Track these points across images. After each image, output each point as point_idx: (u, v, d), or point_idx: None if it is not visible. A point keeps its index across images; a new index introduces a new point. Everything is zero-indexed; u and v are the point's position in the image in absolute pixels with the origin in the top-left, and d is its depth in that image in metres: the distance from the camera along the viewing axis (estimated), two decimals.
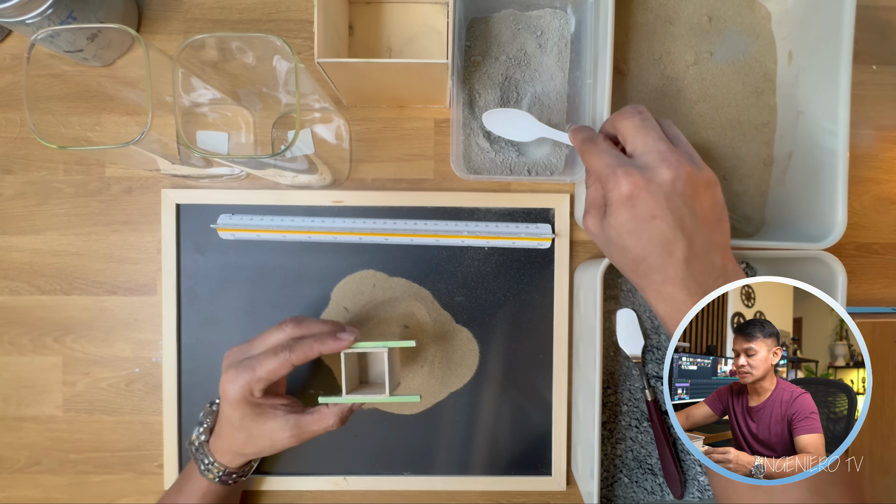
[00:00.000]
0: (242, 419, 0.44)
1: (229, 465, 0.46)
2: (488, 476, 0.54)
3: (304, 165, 0.48)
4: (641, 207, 0.36)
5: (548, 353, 0.54)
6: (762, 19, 0.53)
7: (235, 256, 0.53)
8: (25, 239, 0.54)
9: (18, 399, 0.54)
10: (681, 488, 0.51)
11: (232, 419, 0.44)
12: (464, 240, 0.53)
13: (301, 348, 0.42)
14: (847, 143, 0.44)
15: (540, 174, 0.51)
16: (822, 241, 0.45)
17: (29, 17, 0.42)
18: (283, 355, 0.42)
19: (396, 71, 0.44)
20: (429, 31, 0.53)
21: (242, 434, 0.44)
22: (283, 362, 0.42)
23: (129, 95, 0.53)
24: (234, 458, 0.46)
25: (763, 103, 0.53)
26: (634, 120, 0.38)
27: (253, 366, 0.42)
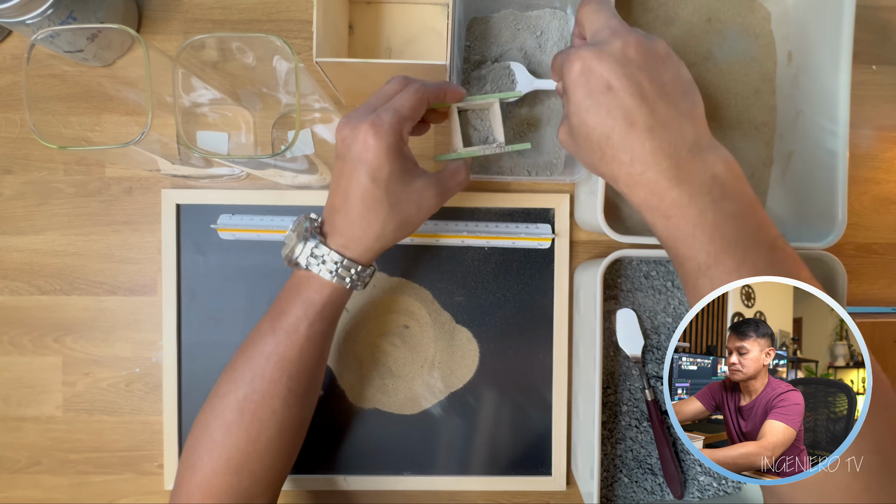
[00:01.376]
0: (388, 181, 0.37)
1: (361, 259, 0.39)
2: (488, 476, 0.54)
3: (304, 165, 0.48)
4: (595, 80, 0.34)
5: (548, 353, 0.54)
6: (762, 19, 0.53)
7: (235, 256, 0.53)
8: (25, 239, 0.54)
9: (18, 399, 0.54)
10: (681, 488, 0.51)
11: (371, 188, 0.37)
12: (464, 240, 0.53)
13: (432, 85, 0.39)
14: (847, 143, 0.44)
15: (540, 174, 0.51)
16: (822, 241, 0.45)
17: (29, 18, 0.43)
18: (417, 87, 0.38)
19: (395, 71, 0.44)
20: (429, 32, 0.53)
21: (383, 207, 0.37)
22: (421, 97, 0.37)
23: (129, 95, 0.53)
24: (366, 252, 0.39)
25: (763, 103, 0.53)
26: (591, 5, 0.37)
27: (392, 107, 0.37)
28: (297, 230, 0.40)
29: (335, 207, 0.39)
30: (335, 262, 0.38)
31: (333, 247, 0.38)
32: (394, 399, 0.54)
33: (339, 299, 0.40)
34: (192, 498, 0.39)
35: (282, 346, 0.39)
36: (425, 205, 0.39)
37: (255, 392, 0.39)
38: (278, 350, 0.39)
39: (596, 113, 0.34)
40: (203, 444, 0.39)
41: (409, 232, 0.40)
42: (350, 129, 0.37)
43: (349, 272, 0.39)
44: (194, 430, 0.41)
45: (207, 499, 0.39)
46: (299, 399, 0.41)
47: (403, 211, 0.38)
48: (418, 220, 0.40)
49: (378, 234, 0.38)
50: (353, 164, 0.37)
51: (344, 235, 0.38)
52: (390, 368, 0.54)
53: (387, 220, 0.38)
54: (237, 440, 0.39)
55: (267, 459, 0.40)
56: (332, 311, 0.41)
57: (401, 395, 0.54)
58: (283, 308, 0.40)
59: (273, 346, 0.39)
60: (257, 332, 0.41)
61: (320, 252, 0.38)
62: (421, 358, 0.54)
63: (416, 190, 0.38)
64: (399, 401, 0.54)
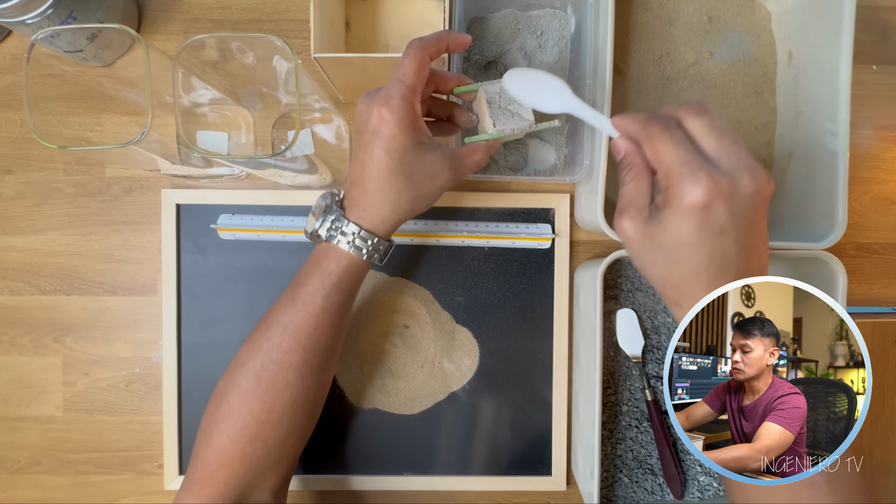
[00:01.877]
0: (403, 152, 0.37)
1: (378, 231, 0.40)
2: (488, 476, 0.54)
3: (304, 165, 0.48)
4: (714, 219, 0.32)
5: (548, 353, 0.54)
6: (762, 19, 0.53)
7: (235, 256, 0.53)
8: (25, 239, 0.54)
9: (18, 399, 0.54)
10: (681, 488, 0.51)
11: (385, 160, 0.37)
12: (464, 240, 0.53)
13: (430, 38, 0.38)
14: (847, 143, 0.44)
15: (540, 174, 0.51)
16: (822, 241, 0.45)
17: (29, 18, 0.43)
18: (415, 47, 0.37)
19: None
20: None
21: (398, 177, 0.38)
22: (421, 57, 0.37)
23: (129, 95, 0.53)
24: (383, 223, 0.39)
25: (763, 103, 0.53)
26: (705, 118, 0.34)
27: (397, 79, 0.37)
28: (320, 204, 0.41)
29: (353, 180, 0.40)
30: (353, 233, 0.39)
31: (352, 218, 0.39)
32: (394, 399, 0.54)
33: (356, 271, 0.41)
34: (208, 464, 0.40)
35: (299, 316, 0.40)
36: (439, 178, 0.39)
37: (272, 361, 0.40)
38: (295, 320, 0.40)
39: (698, 250, 0.33)
40: (220, 411, 0.40)
41: (425, 205, 0.41)
42: (366, 104, 0.38)
43: (366, 243, 0.39)
44: (213, 397, 0.42)
45: (222, 466, 0.39)
46: (314, 372, 0.41)
47: (418, 182, 0.39)
48: (433, 192, 0.40)
49: (394, 205, 0.39)
50: (369, 137, 0.38)
51: (361, 206, 0.39)
52: (390, 368, 0.54)
53: (402, 191, 0.38)
54: (252, 408, 0.40)
55: (280, 430, 0.41)
56: (349, 283, 0.41)
57: (401, 395, 0.54)
58: (303, 279, 0.41)
59: (290, 316, 0.40)
60: (277, 304, 0.42)
61: (339, 224, 0.39)
62: (421, 358, 0.54)
63: (430, 162, 0.39)
64: (399, 401, 0.54)
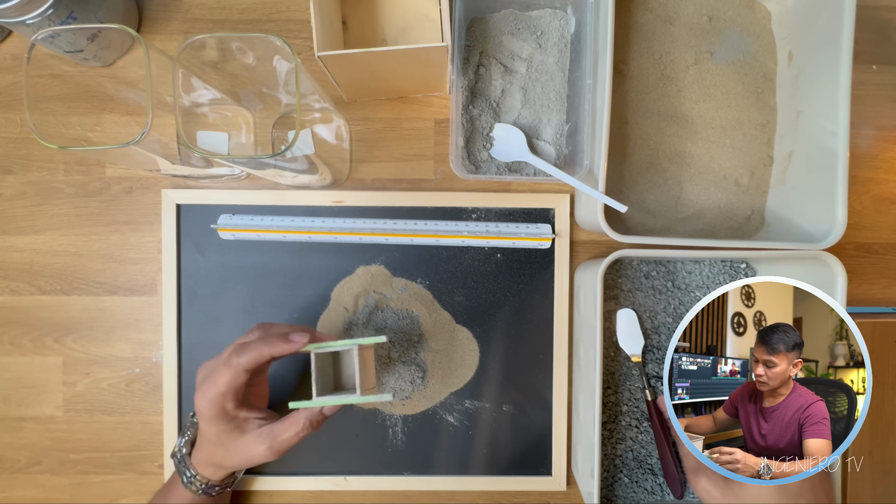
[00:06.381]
0: (219, 434, 0.43)
1: (211, 477, 0.46)
2: (488, 476, 0.54)
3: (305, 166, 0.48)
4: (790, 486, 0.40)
5: (548, 353, 0.54)
6: (762, 19, 0.53)
7: (235, 256, 0.53)
8: (26, 239, 0.54)
9: (19, 399, 0.54)
10: (681, 488, 0.51)
11: (208, 435, 0.44)
12: (464, 240, 0.53)
13: (249, 353, 0.41)
14: (847, 143, 0.44)
15: (540, 174, 0.51)
16: (822, 241, 0.45)
17: (29, 18, 0.43)
18: (233, 361, 0.41)
19: (396, 59, 0.44)
20: (423, 20, 0.53)
21: (220, 449, 0.44)
22: (236, 371, 0.41)
23: (129, 95, 0.53)
24: (215, 471, 0.46)
25: (763, 103, 0.53)
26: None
27: (215, 380, 0.42)
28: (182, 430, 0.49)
29: (198, 431, 0.47)
30: (191, 475, 0.46)
31: (192, 460, 0.46)
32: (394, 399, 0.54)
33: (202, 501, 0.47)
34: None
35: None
36: (256, 456, 0.43)
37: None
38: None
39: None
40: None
41: (250, 466, 0.47)
42: (198, 382, 0.44)
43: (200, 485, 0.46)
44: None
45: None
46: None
47: (235, 457, 0.44)
48: (253, 463, 0.44)
49: (219, 465, 0.45)
50: (196, 411, 0.43)
51: (197, 454, 0.46)
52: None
53: (224, 457, 0.44)
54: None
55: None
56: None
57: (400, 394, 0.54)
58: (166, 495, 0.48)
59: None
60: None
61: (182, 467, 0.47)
62: (421, 358, 0.54)
63: (246, 443, 0.43)
64: (399, 401, 0.54)
